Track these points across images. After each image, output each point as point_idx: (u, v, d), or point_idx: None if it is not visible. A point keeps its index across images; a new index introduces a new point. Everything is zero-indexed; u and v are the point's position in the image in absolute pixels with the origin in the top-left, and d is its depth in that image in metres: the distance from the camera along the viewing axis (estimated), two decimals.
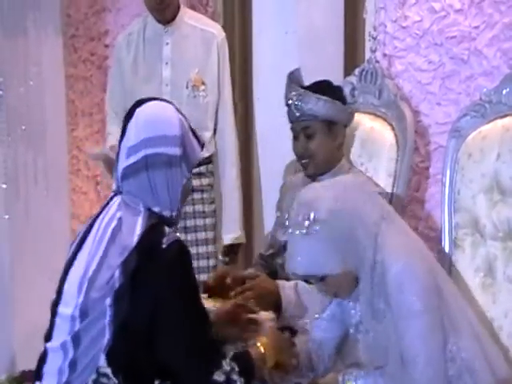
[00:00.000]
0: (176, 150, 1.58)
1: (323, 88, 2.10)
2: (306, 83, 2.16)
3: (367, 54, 2.43)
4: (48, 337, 1.63)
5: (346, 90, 2.35)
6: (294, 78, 2.14)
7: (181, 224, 2.47)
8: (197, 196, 2.56)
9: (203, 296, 2.29)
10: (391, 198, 2.17)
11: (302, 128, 2.10)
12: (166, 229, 1.57)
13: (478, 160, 1.98)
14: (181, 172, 1.60)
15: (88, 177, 3.39)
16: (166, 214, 1.59)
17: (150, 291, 1.52)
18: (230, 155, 2.59)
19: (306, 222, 1.58)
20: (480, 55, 2.20)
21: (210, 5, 2.82)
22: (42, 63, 3.01)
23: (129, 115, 1.62)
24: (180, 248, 1.55)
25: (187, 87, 2.51)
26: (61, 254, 3.04)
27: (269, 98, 2.64)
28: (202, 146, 1.68)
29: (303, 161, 2.12)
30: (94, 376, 1.53)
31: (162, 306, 1.52)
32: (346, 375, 1.64)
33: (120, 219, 1.56)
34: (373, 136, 2.28)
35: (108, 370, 1.52)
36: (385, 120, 2.29)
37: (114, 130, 2.54)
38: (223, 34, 2.58)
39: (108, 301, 1.52)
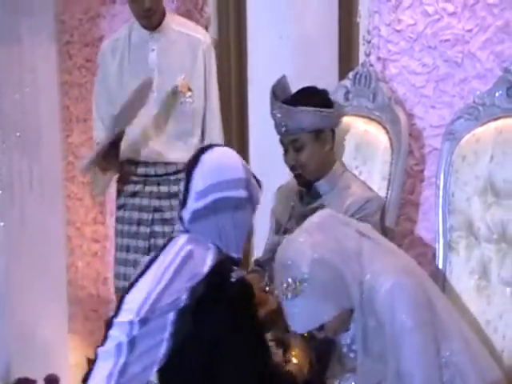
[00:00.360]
0: (242, 193, 1.65)
1: (307, 97, 2.09)
2: (301, 87, 2.15)
3: (361, 58, 2.43)
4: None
5: (341, 94, 2.35)
6: (278, 89, 2.12)
7: (169, 229, 2.47)
8: None
9: None
10: (386, 201, 2.16)
11: (290, 141, 2.09)
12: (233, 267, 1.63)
13: (472, 162, 1.98)
14: (247, 214, 1.67)
15: (83, 183, 3.38)
16: (233, 254, 1.66)
17: (213, 319, 1.55)
18: None
19: (292, 286, 1.60)
20: (473, 58, 2.20)
21: (205, 10, 2.82)
22: (37, 70, 3.01)
23: (193, 161, 1.68)
24: (246, 284, 1.61)
25: (174, 93, 2.49)
26: (56, 260, 3.07)
27: (264, 104, 2.64)
28: (260, 185, 1.72)
29: (295, 172, 2.12)
30: None
31: (225, 337, 1.55)
32: (342, 382, 1.66)
33: (191, 250, 1.62)
34: (367, 139, 2.28)
35: None
36: (379, 123, 2.28)
37: (100, 138, 2.52)
38: (209, 40, 2.56)
39: (171, 316, 1.55)
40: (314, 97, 2.10)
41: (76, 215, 3.42)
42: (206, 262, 1.59)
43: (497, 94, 1.98)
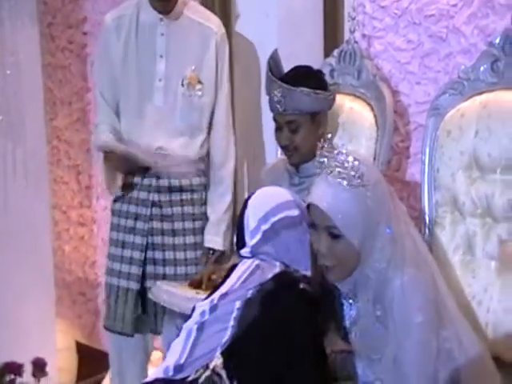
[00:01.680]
0: (294, 212, 1.72)
1: (305, 77, 2.08)
2: (286, 66, 2.14)
3: (346, 35, 2.41)
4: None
5: (326, 72, 2.33)
6: (273, 65, 2.11)
7: (168, 226, 2.37)
8: (186, 197, 2.38)
9: (185, 285, 2.29)
10: None
11: (285, 121, 2.08)
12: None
13: (457, 138, 1.98)
14: (304, 229, 1.69)
15: (69, 166, 3.36)
16: (301, 270, 1.69)
17: (280, 310, 1.57)
18: (224, 156, 2.41)
19: (357, 179, 1.53)
20: (458, 33, 2.19)
21: None
22: (19, 52, 2.96)
23: (242, 210, 1.76)
24: (313, 295, 1.63)
25: (182, 85, 2.33)
26: (42, 244, 3.05)
27: (249, 82, 2.62)
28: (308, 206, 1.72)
29: (287, 152, 2.11)
30: (208, 373, 1.57)
31: (290, 327, 1.56)
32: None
33: (258, 264, 1.69)
34: (352, 117, 2.27)
35: (223, 372, 1.57)
36: (364, 100, 2.27)
37: (103, 119, 2.42)
38: (223, 30, 2.39)
39: (238, 303, 1.61)
40: (311, 78, 2.09)
41: (62, 199, 3.40)
42: (274, 270, 1.66)
43: (481, 69, 1.97)
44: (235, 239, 1.80)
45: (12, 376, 2.73)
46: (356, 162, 1.54)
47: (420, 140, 2.16)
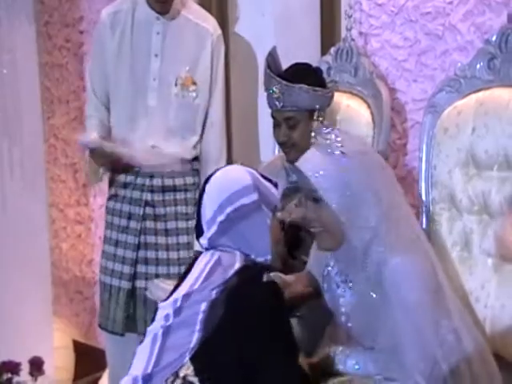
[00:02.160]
0: (253, 197, 1.63)
1: (304, 74, 2.08)
2: (283, 64, 2.14)
3: (343, 33, 2.41)
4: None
5: (323, 70, 2.33)
6: (272, 62, 2.11)
7: (161, 226, 2.36)
8: (179, 196, 2.37)
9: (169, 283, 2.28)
10: None
11: (284, 118, 2.08)
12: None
13: (454, 135, 1.98)
14: (263, 214, 1.64)
15: (66, 165, 3.36)
16: (261, 259, 1.64)
17: (247, 308, 1.52)
18: (216, 157, 2.39)
19: (336, 147, 1.59)
20: (454, 30, 2.19)
21: None
22: (16, 51, 2.95)
23: (200, 194, 1.69)
24: (277, 287, 1.59)
25: (176, 85, 2.31)
26: (40, 242, 3.05)
27: (246, 80, 2.62)
28: (275, 185, 1.70)
29: (285, 149, 2.11)
30: (179, 382, 1.52)
31: (259, 325, 1.52)
32: (336, 355, 1.65)
33: (219, 257, 1.62)
34: (349, 114, 2.27)
35: (195, 380, 1.52)
36: (361, 98, 2.28)
37: (92, 113, 2.42)
38: (219, 32, 2.37)
39: (203, 305, 1.54)
40: (310, 75, 2.10)
41: (59, 197, 3.40)
42: (235, 265, 1.60)
43: (478, 66, 1.97)
44: (194, 226, 1.72)
45: (9, 375, 2.73)
46: (338, 132, 1.63)
47: (417, 137, 2.17)
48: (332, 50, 2.37)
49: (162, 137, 2.34)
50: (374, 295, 1.60)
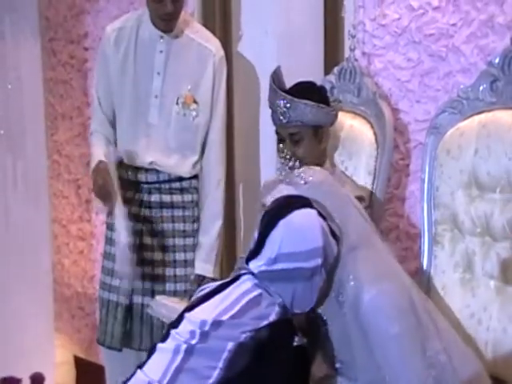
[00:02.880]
0: (318, 261, 1.61)
1: (309, 91, 2.10)
2: (287, 83, 2.15)
3: (347, 53, 2.43)
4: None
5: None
6: (276, 79, 2.12)
7: (159, 242, 2.37)
8: (177, 213, 2.38)
9: (186, 300, 2.28)
10: (371, 197, 2.16)
11: (288, 134, 2.09)
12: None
13: (456, 156, 1.99)
14: (320, 278, 1.63)
15: (69, 181, 3.37)
16: (299, 311, 1.65)
17: (272, 370, 1.52)
18: (214, 182, 2.39)
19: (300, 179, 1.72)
20: (458, 52, 2.20)
21: (190, 5, 2.80)
22: (21, 67, 2.97)
23: (270, 223, 1.64)
24: (305, 354, 1.59)
25: (177, 103, 2.33)
26: (42, 258, 3.05)
27: (249, 99, 2.63)
28: (338, 240, 1.68)
29: (290, 164, 2.11)
30: None
31: None
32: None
33: (259, 296, 1.60)
34: (352, 134, 2.28)
35: None
36: (364, 118, 2.28)
37: (97, 127, 2.44)
38: (222, 53, 2.39)
39: (230, 345, 1.52)
40: (315, 92, 2.11)
41: (62, 213, 3.40)
42: (272, 314, 1.58)
43: (481, 88, 1.98)
44: (252, 245, 1.68)
45: None
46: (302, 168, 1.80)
47: (420, 158, 2.17)
48: (335, 69, 2.38)
49: (161, 154, 2.36)
50: (353, 332, 1.60)
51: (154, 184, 2.38)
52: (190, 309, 1.65)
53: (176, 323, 1.63)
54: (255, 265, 1.65)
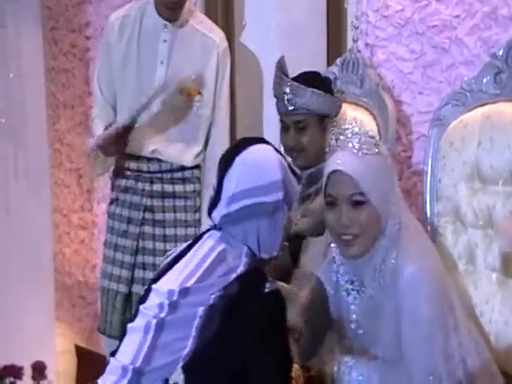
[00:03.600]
0: (278, 195, 1.56)
1: (315, 80, 2.10)
2: (290, 74, 2.15)
3: (349, 44, 2.42)
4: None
5: None
6: (280, 69, 2.12)
7: (160, 232, 2.37)
8: (179, 203, 2.37)
9: None
10: None
11: (294, 121, 2.08)
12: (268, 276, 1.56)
13: (459, 148, 1.99)
14: (283, 214, 1.59)
15: (71, 170, 3.37)
16: (265, 256, 1.60)
17: (243, 325, 1.47)
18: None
19: (375, 147, 1.61)
20: (461, 44, 2.20)
21: None
22: (22, 56, 2.96)
23: (226, 163, 1.59)
24: (279, 298, 1.53)
25: (181, 93, 2.30)
26: (43, 247, 3.05)
27: (251, 91, 2.63)
28: (299, 178, 1.65)
29: (293, 153, 2.11)
30: None
31: (255, 345, 1.47)
32: (341, 366, 1.64)
33: (223, 251, 1.55)
34: None
35: None
36: (367, 109, 2.29)
37: (99, 114, 2.43)
38: (226, 44, 2.38)
39: (200, 311, 1.48)
40: (320, 82, 2.11)
41: (63, 202, 3.41)
42: (240, 265, 1.53)
43: (484, 80, 1.98)
44: (212, 193, 1.62)
45: (11, 379, 2.74)
46: (370, 133, 1.67)
47: (422, 150, 2.17)
48: (338, 60, 2.38)
49: (163, 143, 2.35)
50: (387, 303, 1.59)
51: (155, 173, 2.38)
52: (156, 279, 1.61)
53: (144, 297, 1.59)
54: (216, 213, 1.59)
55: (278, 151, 1.63)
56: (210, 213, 1.62)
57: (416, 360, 1.55)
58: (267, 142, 1.65)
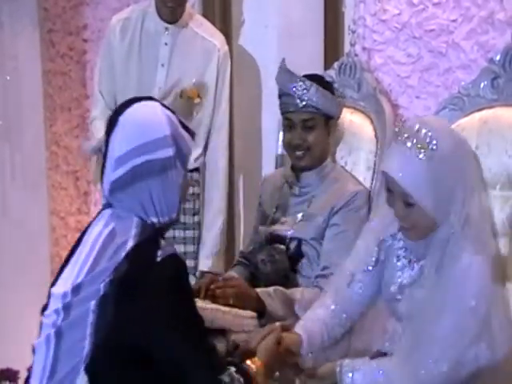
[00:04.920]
0: (169, 151, 1.43)
1: (321, 82, 2.12)
2: None
3: (347, 48, 2.43)
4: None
5: None
6: (285, 68, 2.13)
7: None
8: None
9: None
10: (370, 192, 2.17)
11: (301, 119, 2.09)
12: (162, 242, 1.43)
13: None
14: (176, 172, 1.45)
15: (67, 172, 3.36)
16: (164, 220, 1.46)
17: (139, 305, 1.36)
18: (217, 179, 2.40)
19: (427, 147, 1.53)
20: (458, 48, 2.21)
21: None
22: (19, 58, 2.96)
23: (111, 124, 1.47)
24: (175, 262, 1.41)
25: (181, 96, 2.33)
26: (39, 250, 3.05)
27: (249, 92, 2.63)
28: (193, 135, 1.52)
29: (298, 152, 2.10)
30: None
31: (158, 322, 1.37)
32: (343, 367, 1.62)
33: (112, 231, 1.42)
34: (352, 129, 2.29)
35: None
36: (364, 113, 2.29)
37: (98, 115, 2.43)
38: (226, 48, 2.40)
39: (92, 304, 1.38)
40: (326, 84, 2.14)
41: (60, 205, 3.40)
42: (128, 242, 1.39)
43: (481, 85, 1.99)
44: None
45: (7, 383, 2.73)
46: (429, 133, 1.54)
47: None
48: (335, 64, 2.38)
49: None
50: (437, 280, 1.57)
51: None
52: (54, 281, 1.49)
53: (46, 304, 1.49)
54: (106, 180, 1.46)
55: (167, 108, 1.50)
56: (102, 183, 1.49)
57: (441, 346, 1.53)
58: (153, 99, 1.53)
